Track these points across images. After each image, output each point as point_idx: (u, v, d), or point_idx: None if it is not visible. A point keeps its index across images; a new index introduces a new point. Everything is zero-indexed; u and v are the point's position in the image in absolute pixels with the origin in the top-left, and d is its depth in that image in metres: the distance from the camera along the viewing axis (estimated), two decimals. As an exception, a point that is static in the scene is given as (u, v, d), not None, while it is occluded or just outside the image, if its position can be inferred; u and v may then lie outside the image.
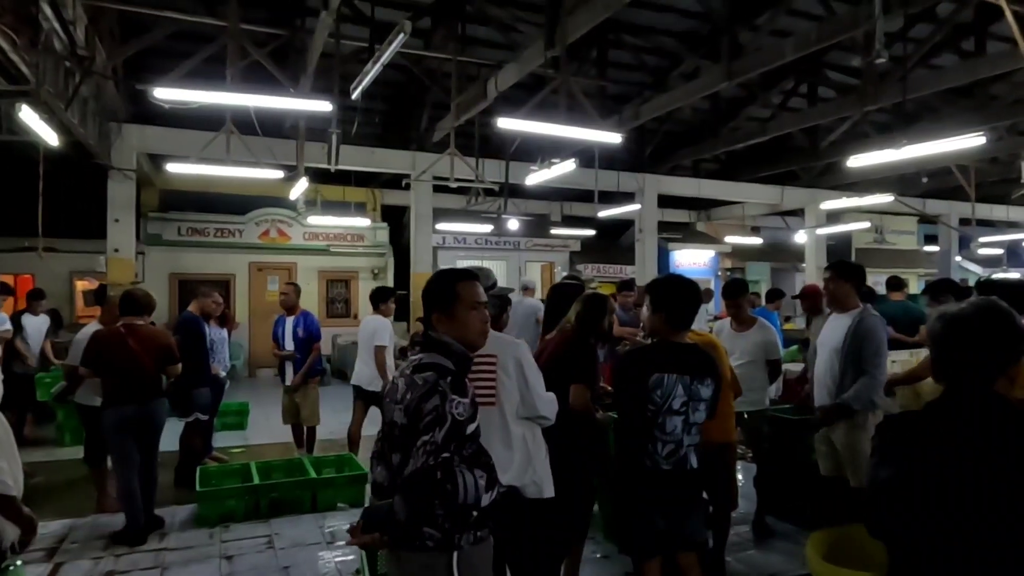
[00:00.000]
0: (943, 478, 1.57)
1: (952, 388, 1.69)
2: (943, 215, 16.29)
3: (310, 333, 6.56)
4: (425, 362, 1.99)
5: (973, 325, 1.67)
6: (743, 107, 11.95)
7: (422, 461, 1.83)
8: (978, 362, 1.65)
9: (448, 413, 1.87)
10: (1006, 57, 7.64)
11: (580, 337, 3.25)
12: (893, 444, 1.72)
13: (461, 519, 1.94)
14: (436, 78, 9.85)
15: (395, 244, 14.67)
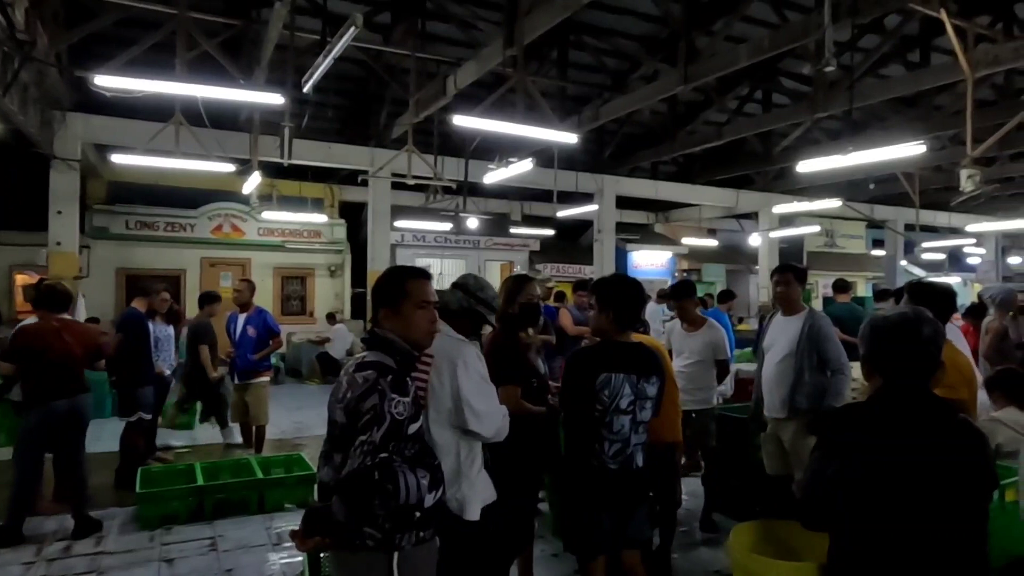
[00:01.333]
0: (884, 468, 1.66)
1: (888, 384, 1.78)
2: (889, 220, 16.84)
3: (267, 329, 6.49)
4: (367, 360, 1.97)
5: (915, 324, 1.77)
6: (700, 111, 12.15)
7: (359, 461, 1.80)
8: (917, 357, 1.76)
9: (387, 412, 1.84)
10: (948, 69, 7.95)
11: (505, 334, 3.18)
12: (834, 436, 1.81)
13: (402, 519, 1.92)
14: (395, 74, 9.75)
15: (353, 241, 14.48)
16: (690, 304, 4.72)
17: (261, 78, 8.02)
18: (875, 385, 1.82)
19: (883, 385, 1.79)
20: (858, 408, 1.97)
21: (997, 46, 7.27)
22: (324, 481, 1.99)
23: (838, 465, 1.74)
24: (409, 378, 1.98)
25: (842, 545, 1.78)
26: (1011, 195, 16.79)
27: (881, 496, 1.68)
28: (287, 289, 14.23)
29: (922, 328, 1.76)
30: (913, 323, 1.78)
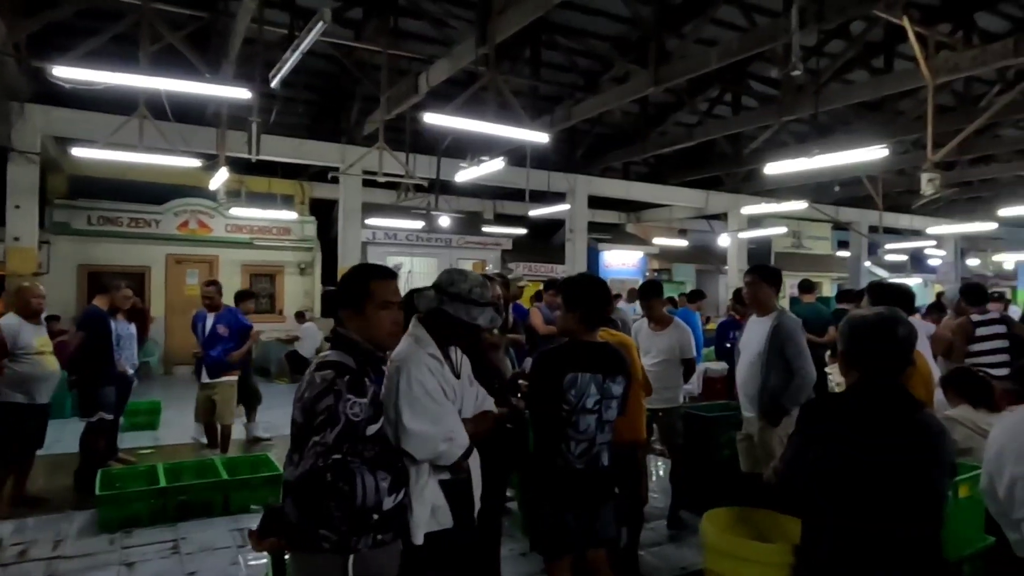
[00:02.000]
0: (854, 454, 1.79)
1: (864, 379, 1.91)
2: (854, 222, 17.21)
3: (241, 326, 6.47)
4: (327, 360, 1.94)
5: (891, 324, 1.89)
6: (671, 113, 12.28)
7: (311, 462, 1.79)
8: (891, 355, 1.87)
9: (341, 413, 1.82)
10: (910, 75, 8.15)
11: None
12: (813, 426, 1.95)
13: (360, 521, 1.90)
14: (367, 70, 9.67)
15: (324, 239, 14.32)
16: (657, 304, 4.76)
17: (229, 72, 7.89)
18: (851, 380, 1.95)
19: (859, 380, 1.90)
20: (835, 400, 2.13)
21: (957, 54, 7.48)
22: (288, 481, 1.97)
23: (815, 454, 1.88)
24: (369, 379, 1.96)
25: (817, 529, 1.88)
26: (969, 199, 17.31)
27: (853, 484, 1.79)
28: (256, 287, 13.97)
29: (898, 328, 1.87)
30: (890, 323, 1.89)
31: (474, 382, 2.50)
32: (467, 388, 2.43)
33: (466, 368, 2.49)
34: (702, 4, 8.28)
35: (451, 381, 2.31)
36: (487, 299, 2.42)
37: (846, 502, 1.81)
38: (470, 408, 2.42)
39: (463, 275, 2.46)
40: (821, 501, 1.86)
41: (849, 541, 1.80)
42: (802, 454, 1.90)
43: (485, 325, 2.41)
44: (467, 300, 2.37)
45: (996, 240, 20.84)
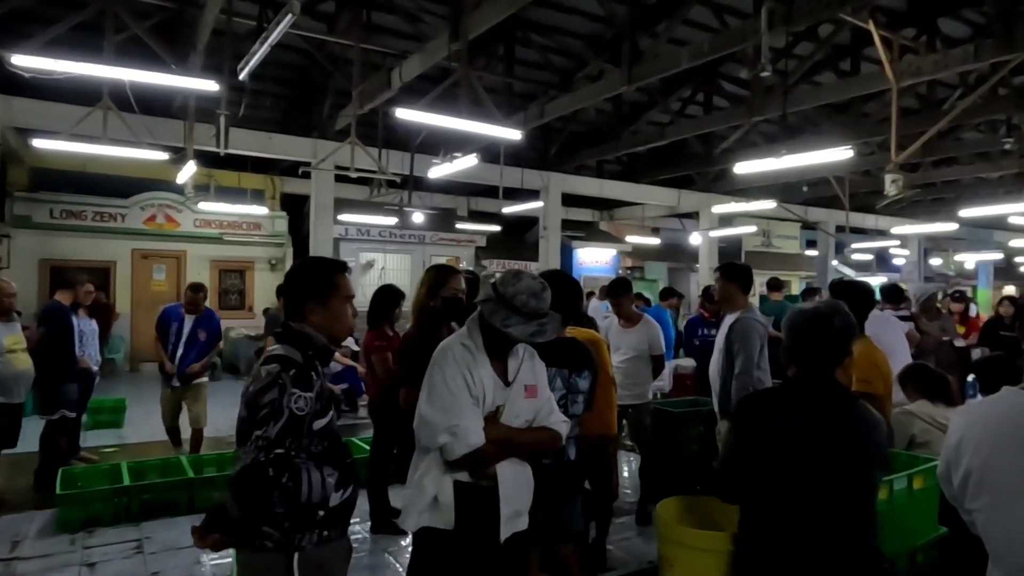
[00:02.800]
0: (789, 446, 1.84)
1: (801, 372, 1.95)
2: (822, 222, 17.53)
3: (217, 334, 6.12)
4: (275, 353, 1.91)
5: (826, 319, 1.94)
6: (644, 111, 12.36)
7: (252, 456, 1.75)
8: (824, 349, 1.92)
9: (285, 407, 1.78)
10: (876, 78, 8.32)
11: (421, 330, 3.04)
12: (750, 417, 2.00)
13: (305, 518, 1.85)
14: (339, 64, 9.57)
15: (295, 234, 14.15)
16: (626, 301, 4.80)
17: (196, 64, 7.75)
18: (791, 373, 1.99)
19: (796, 373, 1.95)
20: (770, 392, 2.20)
21: (920, 58, 7.66)
22: (231, 477, 1.93)
23: (746, 442, 1.94)
24: (316, 373, 1.92)
25: (749, 515, 1.93)
26: (932, 200, 17.74)
27: (782, 471, 1.84)
28: (225, 283, 13.81)
29: (832, 322, 1.91)
30: (824, 317, 1.92)
31: (541, 393, 2.31)
32: (518, 394, 2.22)
33: (530, 375, 2.29)
34: (674, 4, 8.35)
35: (483, 377, 2.15)
36: (533, 309, 2.17)
37: (777, 492, 1.84)
38: (518, 416, 2.22)
39: (517, 277, 2.27)
40: (755, 491, 1.89)
41: (782, 531, 1.84)
42: (735, 444, 1.95)
43: (519, 337, 2.17)
44: (508, 305, 2.18)
45: (958, 240, 21.40)
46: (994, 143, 11.33)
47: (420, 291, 3.12)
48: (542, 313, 2.21)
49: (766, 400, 2.08)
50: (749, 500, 1.94)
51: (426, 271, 3.27)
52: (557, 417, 2.32)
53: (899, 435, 3.33)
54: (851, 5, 6.38)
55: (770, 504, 1.86)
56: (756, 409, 2.02)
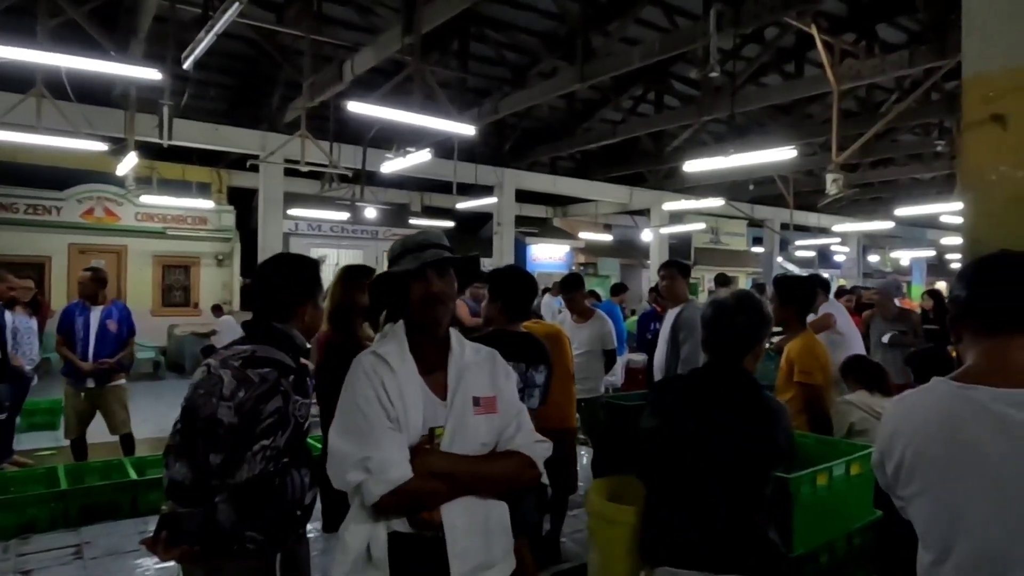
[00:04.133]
0: (691, 429, 1.91)
1: (712, 359, 2.05)
2: (767, 220, 18.06)
3: (131, 325, 5.55)
4: (260, 355, 1.83)
5: (732, 310, 2.01)
6: (597, 109, 12.50)
7: (260, 467, 1.72)
8: (732, 339, 2.00)
9: (291, 415, 1.77)
10: (818, 81, 8.61)
11: (340, 333, 2.82)
12: (659, 400, 2.10)
13: (287, 519, 1.85)
14: (289, 56, 9.36)
15: (243, 229, 13.80)
16: (578, 297, 4.87)
17: (138, 52, 7.47)
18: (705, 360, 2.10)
19: (707, 361, 2.06)
20: (680, 378, 2.29)
21: (860, 62, 7.96)
22: (178, 480, 1.82)
23: (651, 423, 2.01)
24: (309, 377, 1.91)
25: (651, 493, 2.01)
26: (871, 199, 18.47)
27: (680, 452, 1.91)
28: (169, 279, 13.38)
29: (736, 316, 1.99)
30: (730, 310, 2.01)
31: (505, 407, 1.69)
32: (463, 411, 1.62)
33: (484, 383, 1.68)
34: (626, 3, 8.46)
35: (406, 392, 1.58)
36: (420, 242, 1.71)
37: (671, 467, 1.92)
38: (468, 440, 1.61)
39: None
40: (656, 472, 1.97)
41: (671, 505, 1.92)
42: (644, 424, 2.02)
43: (408, 267, 1.64)
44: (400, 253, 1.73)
45: (894, 238, 22.35)
46: (927, 145, 11.86)
47: (335, 290, 2.92)
48: (432, 243, 1.69)
49: (675, 384, 2.18)
50: (650, 476, 2.02)
51: (341, 269, 3.06)
52: (529, 437, 1.68)
53: (839, 424, 3.46)
54: (795, 9, 6.59)
55: (666, 484, 1.94)
56: (664, 392, 2.14)
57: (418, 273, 1.61)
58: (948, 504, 1.28)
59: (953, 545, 1.26)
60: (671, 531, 1.91)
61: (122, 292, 12.42)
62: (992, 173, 2.62)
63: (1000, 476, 1.20)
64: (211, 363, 1.87)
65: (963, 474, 1.25)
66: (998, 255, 1.40)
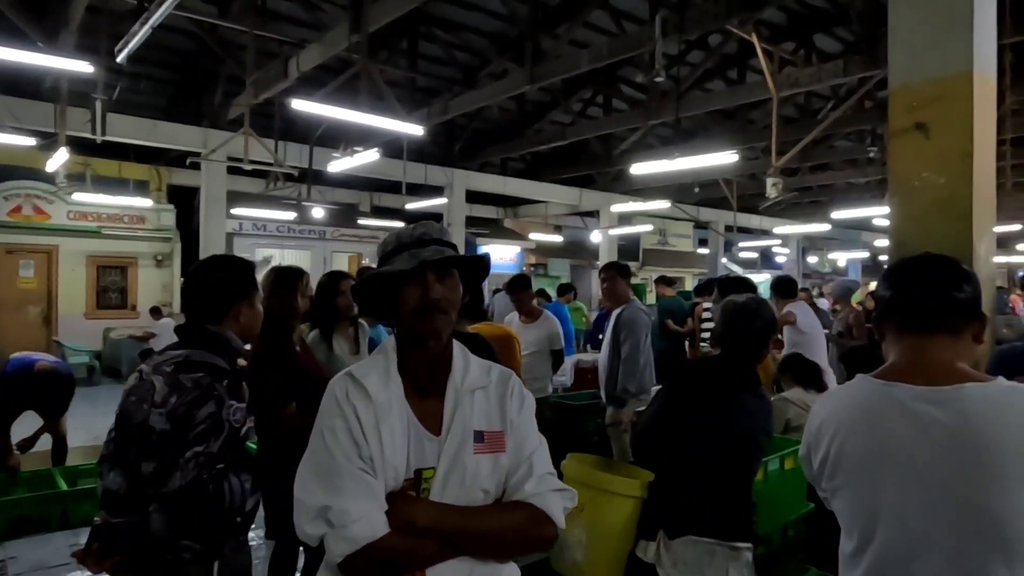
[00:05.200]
0: (706, 417, 2.04)
1: (727, 356, 2.16)
2: (712, 222, 18.52)
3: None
4: (193, 360, 1.79)
5: (752, 314, 2.14)
6: (547, 111, 12.59)
7: (193, 475, 1.67)
8: (751, 340, 2.13)
9: (225, 421, 1.73)
10: (759, 87, 8.87)
11: (271, 340, 2.67)
12: (667, 382, 2.23)
13: (225, 526, 1.81)
14: (232, 51, 9.11)
15: (184, 228, 13.36)
16: (526, 297, 4.90)
17: (69, 43, 7.15)
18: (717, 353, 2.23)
19: (720, 356, 2.18)
20: (698, 362, 2.43)
21: (798, 70, 8.25)
22: (112, 490, 1.79)
23: (658, 404, 2.15)
24: (244, 380, 1.87)
25: (663, 470, 2.12)
26: (809, 202, 19.15)
27: (693, 435, 2.02)
28: (104, 280, 12.82)
29: (758, 319, 2.13)
30: (752, 313, 2.14)
31: (515, 445, 1.35)
32: (461, 448, 1.30)
33: (492, 414, 1.37)
34: (575, 6, 8.55)
35: (387, 423, 1.28)
36: (419, 236, 1.38)
37: (669, 449, 2.04)
38: (465, 484, 1.28)
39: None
40: (657, 456, 2.09)
41: (669, 485, 2.04)
42: (654, 413, 2.10)
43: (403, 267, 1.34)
44: (391, 251, 1.40)
45: (831, 240, 23.22)
46: (861, 151, 12.37)
47: (269, 295, 2.77)
48: (433, 238, 1.37)
49: (690, 368, 2.30)
50: (651, 458, 2.16)
51: (270, 271, 2.92)
52: (544, 484, 1.34)
53: (777, 420, 3.58)
54: (737, 17, 6.78)
55: (664, 468, 2.04)
56: (675, 376, 2.26)
57: (414, 274, 1.31)
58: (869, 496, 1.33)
59: (873, 535, 1.32)
60: (689, 506, 2.02)
61: (52, 294, 11.86)
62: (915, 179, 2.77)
63: (918, 469, 1.26)
64: (144, 369, 1.84)
65: (884, 468, 1.31)
66: (919, 257, 1.47)
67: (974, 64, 2.60)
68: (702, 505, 1.98)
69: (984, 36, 2.67)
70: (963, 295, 1.35)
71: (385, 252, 1.40)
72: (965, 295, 1.35)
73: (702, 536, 1.97)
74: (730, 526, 1.97)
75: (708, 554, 1.96)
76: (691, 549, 1.97)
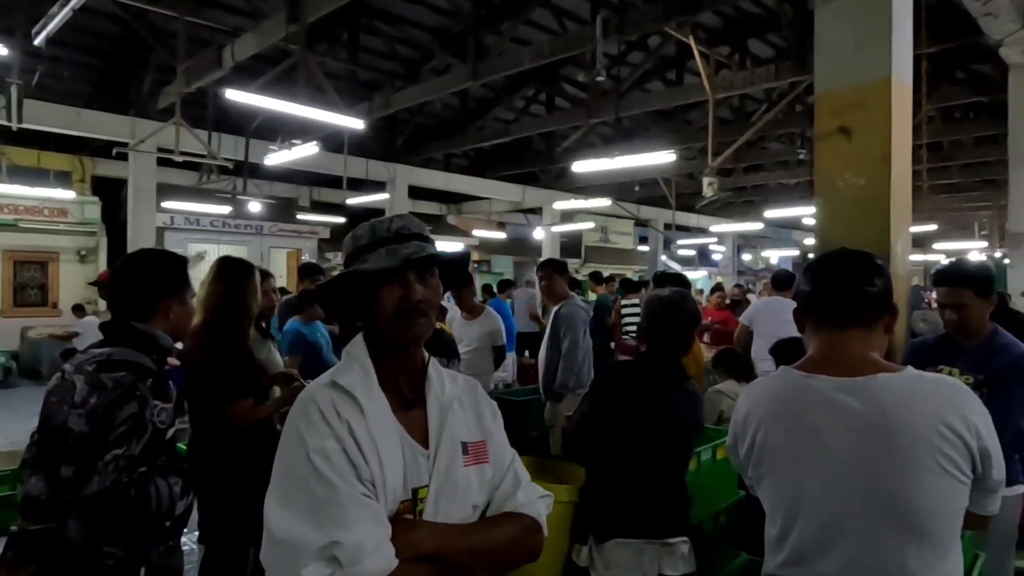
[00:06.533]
0: (633, 414, 2.05)
1: (652, 350, 2.18)
2: (652, 220, 18.92)
3: None
4: (116, 358, 1.73)
5: (679, 308, 2.17)
6: (490, 108, 12.59)
7: (113, 478, 1.61)
8: (676, 334, 2.15)
9: (149, 422, 1.67)
10: (696, 89, 9.11)
11: (216, 335, 2.56)
12: (596, 382, 2.26)
13: (152, 531, 1.74)
14: (162, 37, 8.73)
15: (111, 222, 12.75)
16: (467, 294, 4.90)
17: (-19, 23, 6.73)
18: (642, 350, 2.26)
19: (646, 351, 2.21)
20: (623, 363, 2.43)
21: (733, 73, 8.51)
22: (33, 496, 1.71)
23: (588, 404, 2.16)
24: (170, 380, 1.81)
25: (593, 471, 2.15)
26: (744, 201, 19.81)
27: (621, 433, 2.04)
28: (22, 276, 12.12)
29: (682, 313, 2.15)
30: (677, 307, 2.16)
31: (496, 454, 1.30)
32: (452, 461, 1.22)
33: (471, 423, 1.29)
34: (518, 4, 8.58)
35: (383, 439, 1.16)
36: (396, 229, 1.25)
37: (620, 451, 2.04)
38: (456, 500, 1.21)
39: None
40: (591, 454, 2.11)
41: (604, 482, 2.05)
42: (588, 412, 2.14)
43: (382, 265, 1.21)
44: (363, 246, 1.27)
45: (764, 238, 24.08)
46: (792, 153, 12.87)
47: (214, 286, 2.63)
48: (414, 233, 1.25)
49: (617, 368, 2.31)
50: (587, 455, 2.16)
51: (219, 261, 2.77)
52: (532, 492, 1.31)
53: (710, 412, 3.70)
54: (675, 20, 6.94)
55: (600, 466, 2.06)
56: (606, 375, 2.27)
57: (394, 274, 1.20)
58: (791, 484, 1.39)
59: (796, 521, 1.38)
60: (617, 506, 2.03)
61: (-36, 291, 11.15)
62: (839, 180, 2.91)
63: (836, 458, 1.32)
64: (66, 369, 1.77)
65: (804, 456, 1.37)
66: (834, 253, 1.54)
67: (892, 72, 2.75)
68: (635, 503, 2.00)
69: (901, 45, 2.83)
70: (875, 289, 1.41)
71: (357, 247, 1.26)
72: (877, 289, 1.42)
73: (630, 537, 1.99)
74: (664, 522, 2.01)
75: (637, 554, 1.98)
76: (620, 552, 1.99)
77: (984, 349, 2.26)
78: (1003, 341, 2.25)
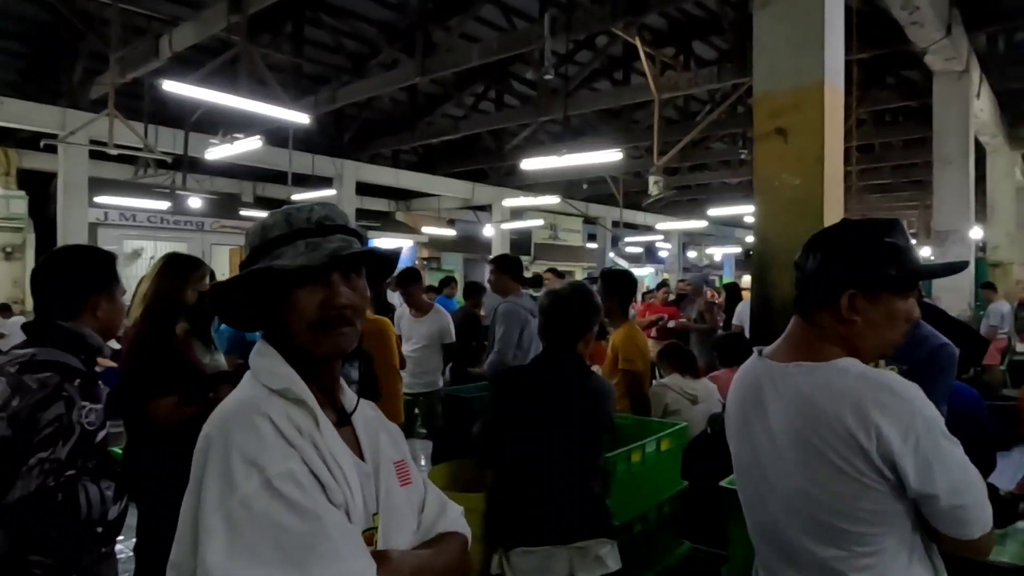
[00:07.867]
0: (532, 414, 2.04)
1: (548, 347, 2.18)
2: (600, 217, 19.16)
3: None
4: (40, 359, 1.65)
5: (567, 300, 2.15)
6: (439, 104, 12.51)
7: (38, 483, 1.54)
8: (567, 327, 2.14)
9: (76, 423, 1.60)
10: (643, 89, 9.27)
11: (150, 329, 2.50)
12: (500, 390, 2.21)
13: (83, 538, 1.68)
14: (94, 24, 8.36)
15: (39, 217, 12.14)
16: (415, 291, 4.88)
17: None
18: (543, 346, 2.23)
19: (544, 347, 2.20)
20: (520, 367, 2.42)
21: (677, 74, 8.70)
22: None
23: (495, 411, 2.14)
24: (99, 380, 1.75)
25: (498, 479, 2.13)
26: (688, 200, 20.26)
27: (521, 435, 2.04)
28: (-59, 274, 11.45)
29: (571, 305, 2.13)
30: (565, 300, 2.15)
31: (413, 474, 1.17)
32: (390, 483, 1.10)
33: (387, 442, 1.15)
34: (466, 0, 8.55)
35: (339, 456, 1.00)
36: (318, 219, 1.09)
37: (515, 450, 2.05)
38: (403, 526, 1.09)
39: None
40: (503, 454, 2.09)
41: (518, 486, 2.05)
42: (492, 418, 2.14)
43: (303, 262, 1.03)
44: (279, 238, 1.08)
45: (708, 236, 24.68)
46: (734, 153, 13.23)
47: (157, 281, 2.57)
48: (338, 225, 1.09)
49: (515, 373, 2.31)
50: (497, 462, 2.14)
51: (165, 257, 2.71)
52: (457, 511, 1.23)
53: (656, 405, 3.78)
54: (621, 21, 7.04)
55: (514, 465, 2.06)
56: (505, 381, 2.25)
57: (315, 273, 1.01)
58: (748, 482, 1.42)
59: (752, 504, 1.39)
60: (521, 512, 2.01)
61: None
62: (776, 179, 3.02)
63: (761, 445, 1.33)
64: None
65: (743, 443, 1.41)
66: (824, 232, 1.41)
67: (825, 76, 2.87)
68: (539, 508, 1.98)
69: (832, 51, 2.95)
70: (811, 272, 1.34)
71: (267, 239, 1.06)
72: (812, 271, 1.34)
73: (534, 545, 1.95)
74: (573, 525, 1.98)
75: (545, 559, 1.94)
76: (525, 559, 1.96)
77: (909, 340, 2.36)
78: (924, 333, 2.37)
